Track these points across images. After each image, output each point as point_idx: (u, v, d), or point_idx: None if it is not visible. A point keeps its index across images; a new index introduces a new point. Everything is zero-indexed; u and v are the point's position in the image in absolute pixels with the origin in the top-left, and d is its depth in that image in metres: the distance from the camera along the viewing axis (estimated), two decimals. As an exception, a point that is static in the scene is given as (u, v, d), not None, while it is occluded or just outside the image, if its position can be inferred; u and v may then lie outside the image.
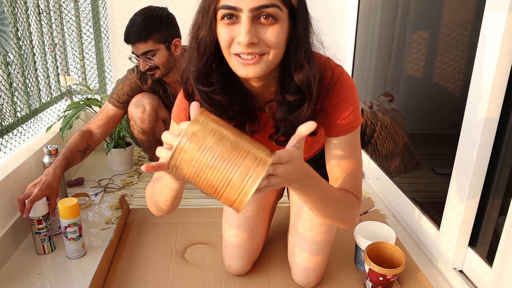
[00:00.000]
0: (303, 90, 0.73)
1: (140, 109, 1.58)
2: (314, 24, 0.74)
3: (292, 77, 0.73)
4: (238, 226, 1.15)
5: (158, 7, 1.49)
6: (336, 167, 0.83)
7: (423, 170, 1.47)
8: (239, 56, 0.70)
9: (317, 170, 0.75)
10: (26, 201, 1.20)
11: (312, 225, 1.09)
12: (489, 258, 1.05)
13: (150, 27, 1.42)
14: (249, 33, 0.66)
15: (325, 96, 0.79)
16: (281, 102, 0.76)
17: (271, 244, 1.32)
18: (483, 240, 1.09)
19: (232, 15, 0.67)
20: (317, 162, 1.15)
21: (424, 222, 1.32)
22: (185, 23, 1.56)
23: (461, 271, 1.16)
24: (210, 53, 0.73)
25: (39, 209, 1.22)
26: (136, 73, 1.61)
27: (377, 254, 1.13)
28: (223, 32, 0.69)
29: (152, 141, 1.66)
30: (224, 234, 1.19)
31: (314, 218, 1.09)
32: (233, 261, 1.16)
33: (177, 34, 1.53)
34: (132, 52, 1.49)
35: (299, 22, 0.71)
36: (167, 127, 1.70)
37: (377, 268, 1.05)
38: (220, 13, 0.68)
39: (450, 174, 1.15)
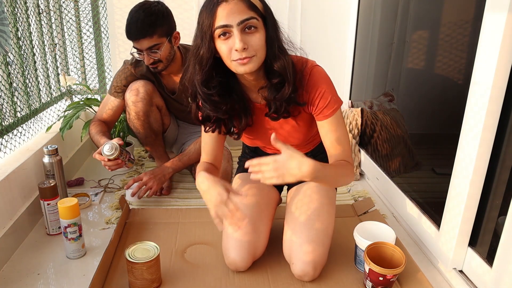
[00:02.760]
0: (282, 73, 0.98)
1: (133, 92, 1.59)
2: (281, 25, 1.00)
3: (273, 66, 0.98)
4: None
5: (155, 1, 1.50)
6: (329, 142, 1.08)
7: (423, 170, 1.47)
8: (237, 61, 0.94)
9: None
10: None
11: (309, 215, 1.14)
12: (489, 258, 1.05)
13: (154, 22, 1.45)
14: (242, 41, 0.91)
15: (302, 81, 1.03)
16: (269, 86, 1.01)
17: (271, 243, 1.32)
18: (483, 240, 1.09)
19: (226, 32, 0.92)
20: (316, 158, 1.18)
21: (424, 222, 1.32)
22: (184, 23, 1.59)
23: (461, 271, 1.16)
24: (209, 64, 0.97)
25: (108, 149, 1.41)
26: (131, 63, 1.63)
27: (377, 254, 1.13)
28: (223, 46, 0.94)
29: (148, 130, 1.66)
30: (227, 229, 1.18)
31: (313, 211, 1.15)
32: (235, 251, 1.14)
33: (175, 27, 1.56)
34: (134, 47, 1.50)
35: (269, 26, 0.96)
36: (162, 116, 1.71)
37: (377, 268, 1.05)
38: (217, 32, 0.92)
39: (450, 174, 1.15)
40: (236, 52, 0.92)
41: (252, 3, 0.93)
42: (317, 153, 1.28)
